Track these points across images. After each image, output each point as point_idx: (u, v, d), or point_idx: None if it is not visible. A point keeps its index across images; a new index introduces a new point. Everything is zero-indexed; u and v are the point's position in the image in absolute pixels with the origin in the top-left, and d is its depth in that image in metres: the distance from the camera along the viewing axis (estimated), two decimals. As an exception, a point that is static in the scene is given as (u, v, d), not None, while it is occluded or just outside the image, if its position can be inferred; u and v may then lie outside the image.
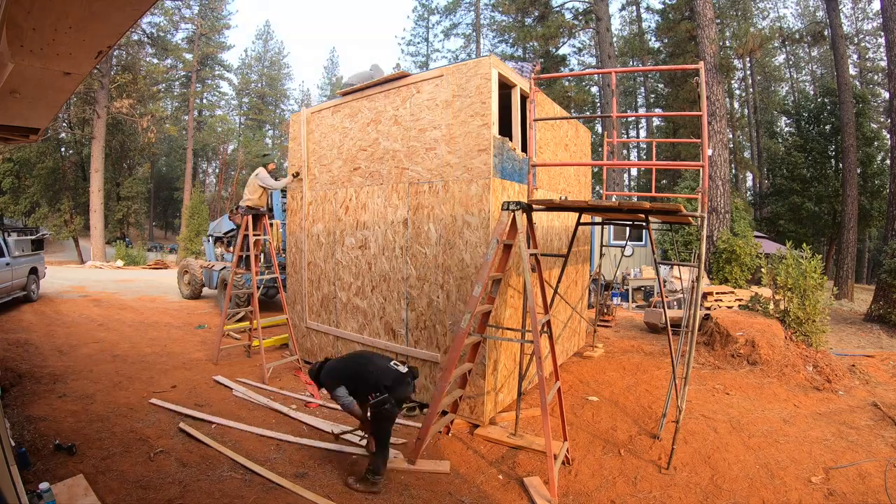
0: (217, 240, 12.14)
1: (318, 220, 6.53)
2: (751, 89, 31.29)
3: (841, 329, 10.10)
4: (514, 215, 3.97)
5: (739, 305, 9.27)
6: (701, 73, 3.62)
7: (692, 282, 8.05)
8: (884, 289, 10.98)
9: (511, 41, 29.32)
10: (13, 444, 3.66)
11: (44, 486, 2.97)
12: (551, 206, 4.20)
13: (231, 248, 11.63)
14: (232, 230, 11.22)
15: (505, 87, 5.06)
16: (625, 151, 18.71)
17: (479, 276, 3.95)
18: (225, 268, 10.44)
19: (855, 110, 17.25)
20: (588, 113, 32.26)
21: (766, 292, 8.76)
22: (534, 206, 4.18)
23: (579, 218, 4.84)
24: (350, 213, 6.01)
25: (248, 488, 3.51)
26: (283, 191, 8.77)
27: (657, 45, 27.16)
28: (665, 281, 13.19)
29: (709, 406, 5.28)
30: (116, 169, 29.33)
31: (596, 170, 14.25)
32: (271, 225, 8.66)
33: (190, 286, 12.08)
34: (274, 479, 3.63)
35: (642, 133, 35.39)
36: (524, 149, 5.37)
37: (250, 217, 6.78)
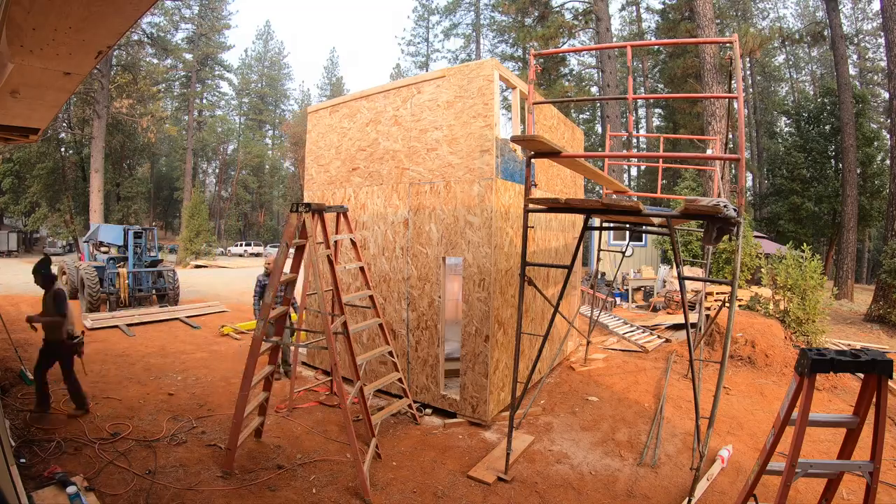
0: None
1: (317, 221, 6.51)
2: (751, 89, 31.28)
3: (841, 329, 10.09)
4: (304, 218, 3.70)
5: (739, 305, 9.28)
6: (735, 48, 3.27)
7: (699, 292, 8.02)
8: (883, 289, 10.96)
9: (511, 41, 29.32)
10: (13, 443, 3.66)
11: (71, 490, 3.06)
12: (555, 207, 3.58)
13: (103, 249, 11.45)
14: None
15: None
16: (625, 152, 18.69)
17: (271, 282, 3.77)
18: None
19: (855, 110, 17.22)
20: (587, 114, 32.29)
21: (766, 292, 8.76)
22: (536, 206, 3.74)
23: (586, 222, 4.13)
24: (349, 214, 6.00)
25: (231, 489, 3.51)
26: None
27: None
28: (665, 281, 13.19)
29: (709, 406, 5.27)
30: (116, 169, 29.30)
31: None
32: None
33: (67, 286, 10.89)
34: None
35: (642, 133, 35.34)
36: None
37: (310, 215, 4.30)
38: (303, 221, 3.80)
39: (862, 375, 2.19)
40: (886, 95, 20.25)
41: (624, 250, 7.21)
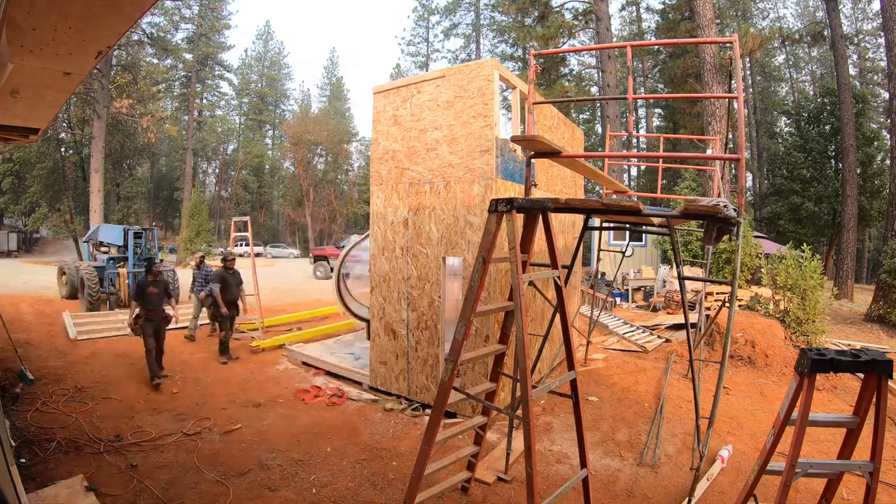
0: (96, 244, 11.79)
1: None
2: (751, 89, 31.26)
3: (841, 329, 10.09)
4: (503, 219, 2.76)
5: (739, 305, 9.28)
6: (735, 48, 3.26)
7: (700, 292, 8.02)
8: (883, 289, 10.96)
9: (511, 41, 29.31)
10: (13, 443, 3.66)
11: None
12: (555, 207, 3.32)
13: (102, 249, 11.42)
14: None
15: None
16: (625, 152, 18.71)
17: (463, 312, 2.80)
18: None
19: (855, 110, 17.21)
20: (587, 114, 32.29)
21: (766, 292, 8.76)
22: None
23: (586, 222, 4.17)
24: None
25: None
26: None
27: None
28: (665, 281, 13.19)
29: (709, 406, 5.27)
30: (116, 169, 29.29)
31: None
32: None
33: (67, 286, 10.95)
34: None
35: (642, 133, 35.31)
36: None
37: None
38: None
39: (862, 375, 2.19)
40: (886, 95, 20.21)
41: (624, 250, 7.21)
